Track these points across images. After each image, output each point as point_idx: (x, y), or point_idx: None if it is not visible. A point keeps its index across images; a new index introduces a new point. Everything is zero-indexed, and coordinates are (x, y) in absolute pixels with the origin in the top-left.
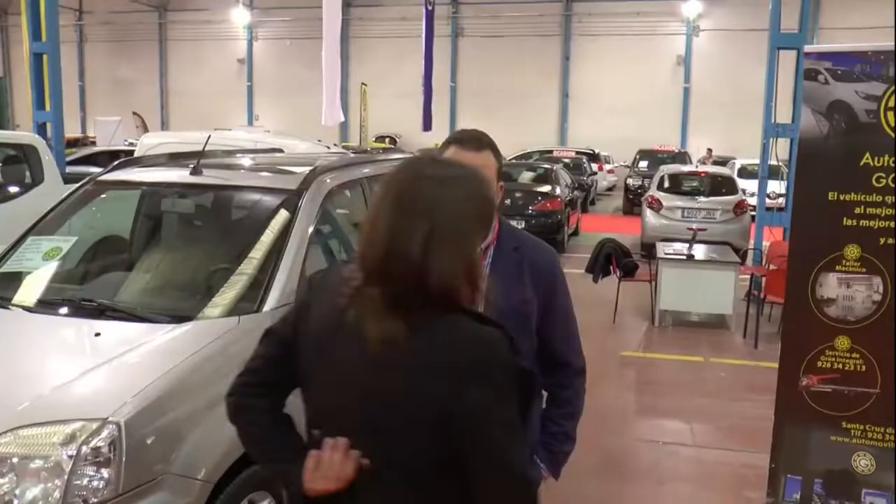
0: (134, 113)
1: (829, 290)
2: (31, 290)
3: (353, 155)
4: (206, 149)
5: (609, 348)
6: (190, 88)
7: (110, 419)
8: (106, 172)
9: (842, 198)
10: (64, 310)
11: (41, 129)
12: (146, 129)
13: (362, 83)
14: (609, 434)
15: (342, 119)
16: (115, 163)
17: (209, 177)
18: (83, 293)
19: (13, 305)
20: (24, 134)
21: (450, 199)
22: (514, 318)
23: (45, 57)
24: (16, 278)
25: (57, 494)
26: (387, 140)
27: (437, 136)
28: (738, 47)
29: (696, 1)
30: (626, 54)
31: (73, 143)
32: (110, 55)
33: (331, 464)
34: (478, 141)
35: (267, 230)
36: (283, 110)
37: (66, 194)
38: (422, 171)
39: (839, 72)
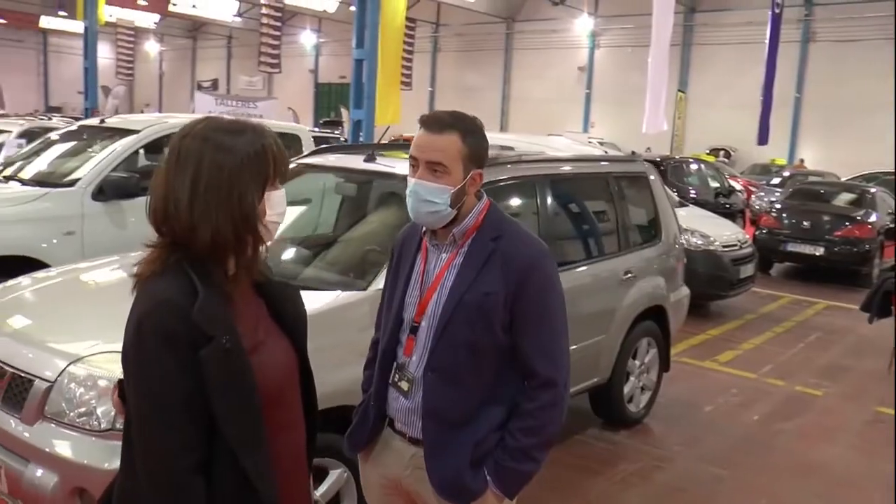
0: (473, 117)
1: None
2: None
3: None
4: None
5: (864, 399)
6: (530, 95)
7: None
8: (307, 156)
9: None
10: None
11: (357, 126)
12: None
13: (679, 90)
14: (800, 490)
15: (665, 127)
16: (317, 148)
17: (379, 164)
18: None
19: None
20: (290, 124)
21: (212, 151)
22: (474, 309)
23: (363, 63)
24: None
25: (114, 411)
26: (721, 153)
27: (775, 150)
28: None
29: None
30: None
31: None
32: (459, 63)
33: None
34: (440, 122)
35: None
36: (617, 118)
37: None
38: (194, 128)
39: None
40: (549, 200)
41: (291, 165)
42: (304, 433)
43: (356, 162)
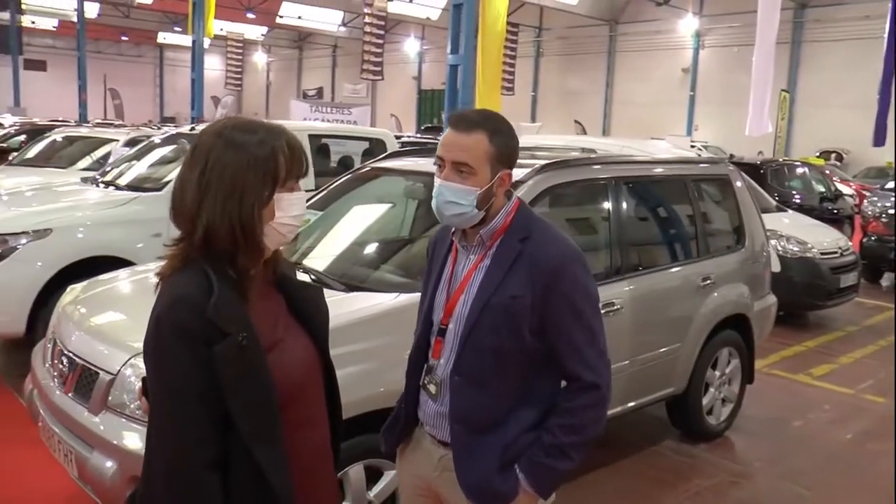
0: (576, 121)
1: None
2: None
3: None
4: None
5: None
6: (633, 98)
7: None
8: (380, 159)
9: None
10: None
11: None
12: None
13: (782, 90)
14: None
15: (769, 129)
16: (389, 152)
17: None
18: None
19: None
20: (376, 129)
21: (221, 148)
22: (500, 312)
23: (458, 68)
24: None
25: None
26: (832, 155)
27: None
28: None
29: None
30: None
31: None
32: (561, 67)
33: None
34: (467, 121)
35: None
36: (723, 120)
37: (342, 176)
38: (211, 128)
39: None
40: (622, 203)
41: (365, 169)
42: (327, 430)
43: (427, 165)
